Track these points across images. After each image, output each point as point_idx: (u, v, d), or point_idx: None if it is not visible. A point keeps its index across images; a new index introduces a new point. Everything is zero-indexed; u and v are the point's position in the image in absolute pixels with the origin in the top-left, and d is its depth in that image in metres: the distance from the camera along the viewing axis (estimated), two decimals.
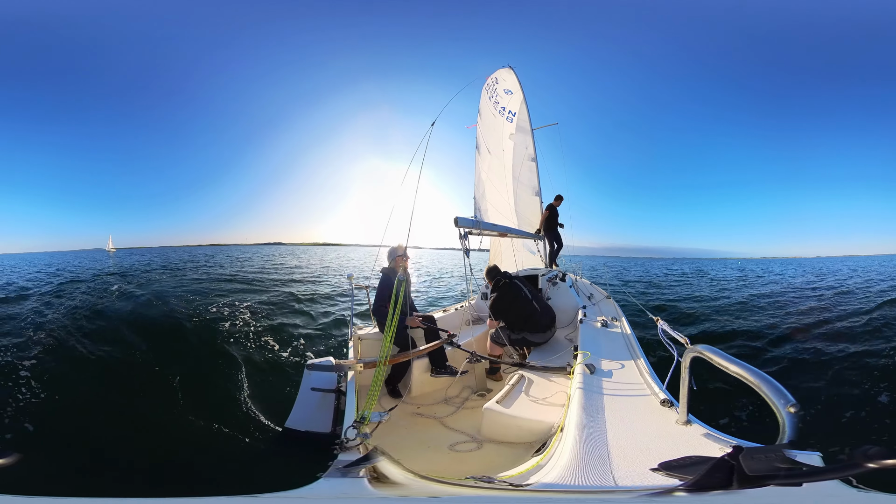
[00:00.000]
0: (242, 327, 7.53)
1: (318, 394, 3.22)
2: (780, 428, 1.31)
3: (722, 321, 9.43)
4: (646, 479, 1.44)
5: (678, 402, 1.97)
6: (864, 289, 14.51)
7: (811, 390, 5.00)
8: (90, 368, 5.26)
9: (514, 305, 4.15)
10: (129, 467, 3.23)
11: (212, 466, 3.41)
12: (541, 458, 1.90)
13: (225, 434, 3.88)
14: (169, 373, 5.11)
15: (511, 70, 7.31)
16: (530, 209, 7.45)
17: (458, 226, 4.46)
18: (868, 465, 0.94)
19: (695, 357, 1.76)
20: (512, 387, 3.00)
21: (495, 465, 2.47)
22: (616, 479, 1.49)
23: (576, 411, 2.09)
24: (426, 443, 2.99)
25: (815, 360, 6.03)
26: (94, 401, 4.39)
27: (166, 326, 7.32)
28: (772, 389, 1.37)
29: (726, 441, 1.69)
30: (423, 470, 1.72)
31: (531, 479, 1.64)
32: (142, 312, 8.09)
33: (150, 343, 6.23)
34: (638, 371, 2.76)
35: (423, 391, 3.81)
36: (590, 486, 1.47)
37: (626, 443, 1.77)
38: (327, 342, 7.24)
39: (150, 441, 3.69)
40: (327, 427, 3.00)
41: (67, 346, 5.89)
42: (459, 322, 4.75)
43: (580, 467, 1.59)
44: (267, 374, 5.58)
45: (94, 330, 6.89)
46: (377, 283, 4.05)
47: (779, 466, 1.09)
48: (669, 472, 1.32)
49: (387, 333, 2.62)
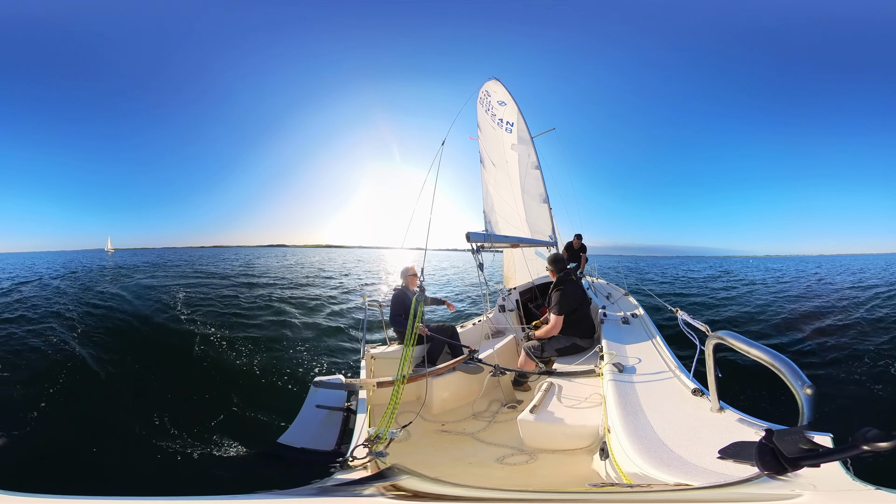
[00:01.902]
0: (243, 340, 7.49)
1: (322, 412, 3.15)
2: (800, 409, 1.34)
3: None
4: (719, 468, 1.47)
5: (708, 390, 2.00)
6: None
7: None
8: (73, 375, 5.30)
9: (584, 303, 3.96)
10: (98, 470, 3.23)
11: (188, 475, 3.34)
12: (614, 461, 1.91)
13: (205, 444, 3.78)
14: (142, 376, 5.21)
15: (498, 81, 7.20)
16: (540, 217, 7.44)
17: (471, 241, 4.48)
18: (863, 446, 0.98)
19: (717, 343, 1.80)
20: (544, 394, 2.93)
21: (570, 473, 2.45)
22: (699, 470, 1.52)
23: (615, 411, 2.09)
24: (463, 459, 2.90)
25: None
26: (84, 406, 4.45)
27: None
28: (790, 372, 1.41)
29: (758, 425, 1.74)
30: (482, 485, 1.70)
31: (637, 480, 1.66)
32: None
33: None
34: (665, 363, 2.77)
35: (445, 408, 3.69)
36: (705, 483, 1.47)
37: (676, 435, 1.80)
38: (330, 359, 7.15)
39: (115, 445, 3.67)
40: (330, 445, 2.90)
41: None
42: (479, 336, 4.69)
43: (660, 464, 1.60)
44: (262, 388, 5.45)
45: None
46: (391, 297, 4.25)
47: (804, 448, 1.13)
48: (733, 458, 1.35)
49: (406, 345, 2.66)
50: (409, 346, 2.68)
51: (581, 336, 3.81)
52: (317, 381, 3.39)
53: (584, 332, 3.84)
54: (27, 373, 5.24)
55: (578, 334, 3.80)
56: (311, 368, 6.28)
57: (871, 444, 0.97)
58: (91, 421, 4.08)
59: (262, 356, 6.60)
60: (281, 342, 7.57)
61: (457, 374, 3.70)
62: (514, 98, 7.29)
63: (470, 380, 3.79)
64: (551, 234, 7.54)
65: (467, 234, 4.51)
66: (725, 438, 1.56)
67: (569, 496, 1.64)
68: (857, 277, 21.99)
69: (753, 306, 12.47)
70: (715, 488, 1.39)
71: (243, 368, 6.01)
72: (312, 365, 6.47)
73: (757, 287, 18.36)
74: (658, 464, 1.60)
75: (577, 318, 3.84)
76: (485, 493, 1.56)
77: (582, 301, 3.97)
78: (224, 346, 6.93)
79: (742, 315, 11.30)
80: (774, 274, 29.19)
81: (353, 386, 3.14)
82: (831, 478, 1.26)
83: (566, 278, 4.02)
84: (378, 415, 2.43)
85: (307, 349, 7.28)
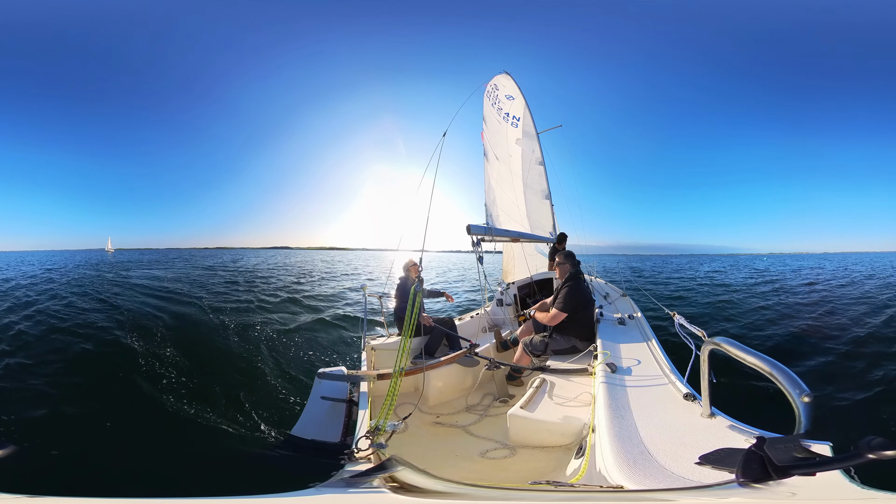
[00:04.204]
0: (256, 330, 7.65)
1: (327, 403, 3.21)
2: (797, 418, 1.32)
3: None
4: (694, 474, 1.46)
5: (700, 395, 2.00)
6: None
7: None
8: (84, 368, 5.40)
9: (589, 305, 3.85)
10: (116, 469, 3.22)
11: (211, 470, 3.36)
12: (585, 460, 1.90)
13: (227, 437, 3.85)
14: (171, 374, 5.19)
15: (508, 75, 7.24)
16: (541, 213, 7.43)
17: (471, 233, 4.50)
18: (868, 455, 0.95)
19: (712, 350, 1.79)
20: (535, 391, 2.98)
21: (538, 470, 2.48)
22: (668, 474, 1.50)
23: (603, 411, 2.10)
24: (452, 452, 2.97)
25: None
26: (91, 401, 4.44)
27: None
28: (787, 379, 1.38)
29: (749, 432, 1.71)
30: (458, 479, 1.70)
31: (587, 480, 1.65)
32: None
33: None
34: (658, 367, 2.77)
35: (440, 400, 3.79)
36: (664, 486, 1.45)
37: (660, 438, 1.78)
38: (337, 350, 7.29)
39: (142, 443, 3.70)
40: (336, 437, 2.97)
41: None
42: (476, 329, 4.73)
43: (629, 465, 1.58)
44: (274, 379, 5.57)
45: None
46: (392, 291, 4.38)
47: (798, 456, 1.11)
48: (713, 465, 1.34)
49: (404, 337, 2.67)
50: (406, 338, 2.68)
51: (581, 339, 3.71)
52: (321, 372, 3.43)
53: (585, 335, 3.73)
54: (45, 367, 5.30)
55: (579, 336, 3.70)
56: (316, 360, 6.40)
57: (877, 452, 0.94)
58: (93, 422, 4.06)
59: (270, 348, 6.73)
60: (287, 335, 7.74)
61: (453, 365, 3.73)
62: (522, 93, 7.30)
63: (465, 372, 3.87)
64: (552, 231, 7.51)
65: (468, 226, 4.52)
66: (712, 445, 1.55)
67: (502, 493, 1.64)
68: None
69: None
70: (649, 492, 1.37)
71: (254, 364, 6.08)
72: (318, 355, 6.61)
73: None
74: (626, 466, 1.58)
75: (580, 320, 3.75)
76: (441, 486, 1.58)
77: (588, 303, 3.87)
78: (235, 339, 7.13)
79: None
80: (822, 273, 26.77)
81: (354, 377, 3.19)
82: (830, 486, 1.22)
83: (578, 275, 3.91)
84: (378, 406, 2.46)
85: (312, 341, 7.42)
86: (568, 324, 3.69)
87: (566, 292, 3.73)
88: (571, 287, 3.76)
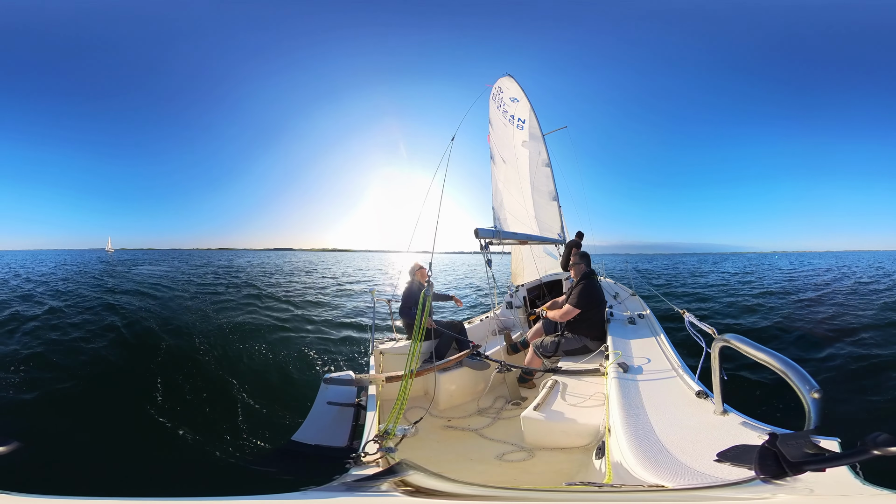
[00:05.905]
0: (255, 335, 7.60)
1: (334, 408, 3.18)
2: (806, 414, 1.33)
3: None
4: (715, 471, 1.47)
5: (712, 392, 2.01)
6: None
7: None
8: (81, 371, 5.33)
9: (602, 305, 3.89)
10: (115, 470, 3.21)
11: (205, 474, 3.36)
12: (607, 460, 1.92)
13: (223, 443, 3.80)
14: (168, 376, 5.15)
15: (511, 78, 7.21)
16: (549, 214, 7.41)
17: (479, 237, 4.49)
18: (874, 451, 0.96)
19: (723, 347, 1.80)
20: (548, 392, 2.95)
21: (563, 471, 2.47)
22: (692, 472, 1.51)
23: (617, 411, 2.10)
24: (466, 455, 2.95)
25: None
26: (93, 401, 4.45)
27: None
28: (797, 376, 1.39)
29: (762, 429, 1.73)
30: (479, 482, 1.68)
31: (616, 480, 1.66)
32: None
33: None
34: (670, 365, 2.78)
35: (451, 403, 3.76)
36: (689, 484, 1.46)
37: (676, 437, 1.79)
38: (341, 355, 7.24)
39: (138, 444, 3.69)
40: (343, 441, 2.95)
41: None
42: (486, 333, 4.71)
43: (652, 464, 1.59)
44: (278, 385, 5.52)
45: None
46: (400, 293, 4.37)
47: (808, 452, 1.12)
48: (732, 461, 1.37)
49: (414, 341, 2.67)
50: (417, 341, 2.69)
51: (592, 338, 3.72)
52: (327, 377, 3.40)
53: (596, 335, 3.75)
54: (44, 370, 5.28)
55: (590, 336, 3.72)
56: (323, 365, 6.35)
57: (883, 448, 0.96)
58: (95, 421, 4.05)
59: (274, 353, 6.66)
60: (292, 340, 7.69)
61: (464, 369, 3.72)
62: (526, 95, 7.28)
63: (476, 375, 3.84)
64: (560, 232, 7.48)
65: (476, 230, 4.51)
66: (726, 441, 1.58)
67: (540, 495, 1.65)
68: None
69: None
70: (690, 490, 1.39)
71: (254, 368, 6.04)
72: (324, 361, 6.55)
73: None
74: (649, 464, 1.59)
75: (592, 319, 3.77)
76: (465, 489, 1.56)
77: (601, 302, 3.90)
78: (237, 345, 7.03)
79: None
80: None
81: (362, 382, 3.15)
82: (837, 483, 1.24)
83: (592, 275, 3.97)
84: (387, 410, 2.46)
85: (317, 346, 7.37)
86: (580, 322, 3.73)
87: (580, 289, 3.79)
88: (585, 285, 3.83)
